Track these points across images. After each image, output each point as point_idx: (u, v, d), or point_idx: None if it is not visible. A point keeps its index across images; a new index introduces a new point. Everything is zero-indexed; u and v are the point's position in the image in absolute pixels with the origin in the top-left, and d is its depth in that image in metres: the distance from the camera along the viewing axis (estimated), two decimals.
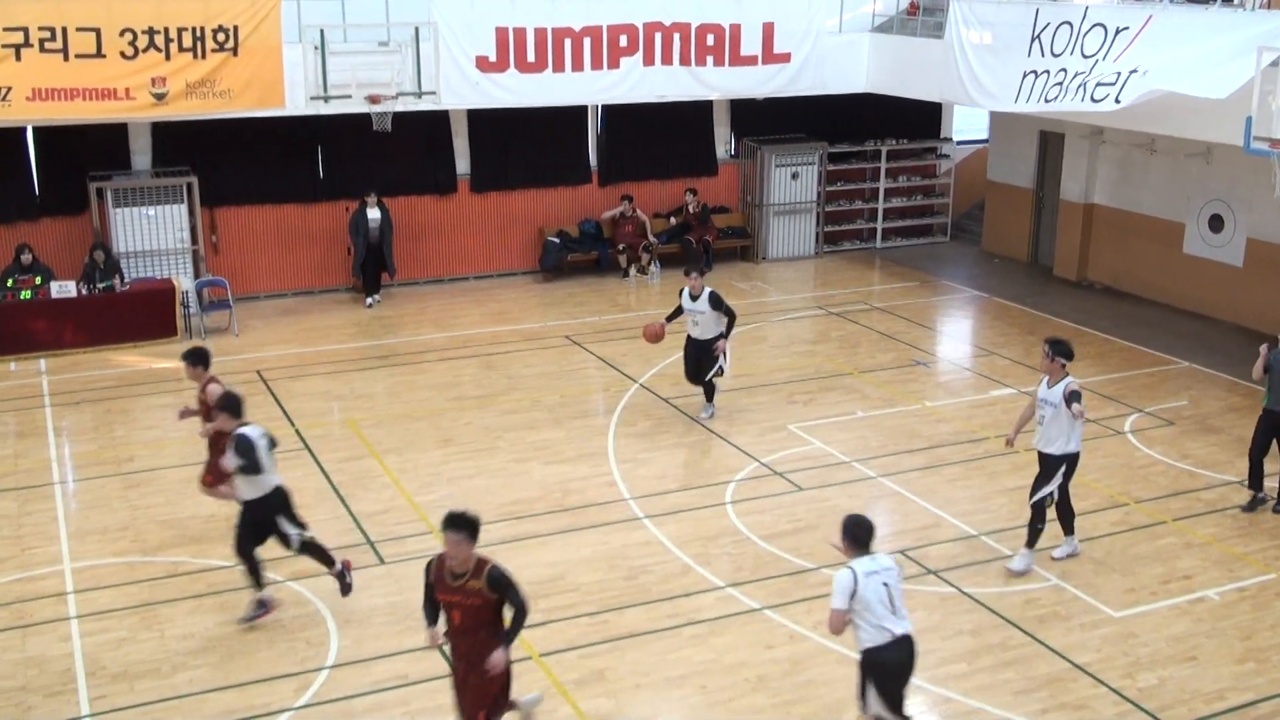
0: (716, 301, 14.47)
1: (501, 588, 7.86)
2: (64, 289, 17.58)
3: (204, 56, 17.60)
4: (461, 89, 19.07)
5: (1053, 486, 11.12)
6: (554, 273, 21.69)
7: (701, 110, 22.58)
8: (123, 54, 17.26)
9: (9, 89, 16.85)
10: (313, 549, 10.49)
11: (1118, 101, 15.79)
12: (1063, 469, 11.10)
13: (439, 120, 20.85)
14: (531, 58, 19.36)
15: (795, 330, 19.10)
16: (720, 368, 14.76)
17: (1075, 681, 9.66)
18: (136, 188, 18.97)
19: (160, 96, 17.55)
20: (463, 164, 21.52)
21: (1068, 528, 11.49)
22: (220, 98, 17.82)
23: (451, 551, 7.76)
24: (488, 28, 19.02)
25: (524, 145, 21.66)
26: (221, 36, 17.56)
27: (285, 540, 10.33)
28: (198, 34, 17.42)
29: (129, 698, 9.35)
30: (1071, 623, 10.51)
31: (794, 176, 23.04)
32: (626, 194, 22.00)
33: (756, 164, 22.99)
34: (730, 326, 14.65)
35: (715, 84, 20.76)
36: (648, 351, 17.23)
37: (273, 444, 10.40)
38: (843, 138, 23.71)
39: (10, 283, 17.54)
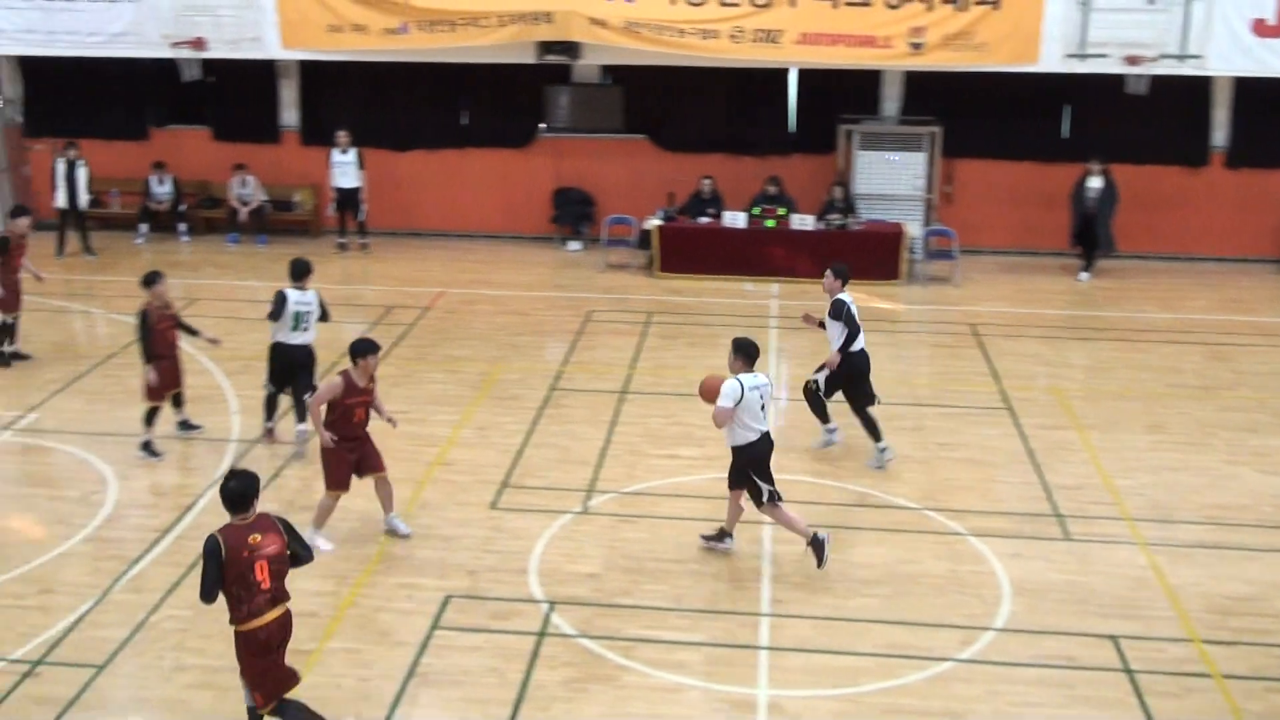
0: (837, 311, 12.39)
1: None
2: (803, 222, 18.72)
3: (966, 9, 17.78)
4: (1231, 54, 17.73)
5: None
6: None
7: None
8: (887, 3, 17.90)
9: (781, 31, 18.11)
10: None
11: None
12: None
13: (1197, 86, 19.47)
14: None
15: None
16: (816, 381, 12.55)
17: None
18: (882, 133, 19.67)
19: (917, 46, 18.00)
20: (1219, 135, 19.98)
21: None
22: (975, 51, 17.94)
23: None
24: None
25: None
26: None
27: None
28: None
29: (804, 608, 9.87)
30: None
31: None
32: None
33: None
34: (848, 343, 12.32)
35: None
36: None
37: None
38: None
39: (758, 210, 18.96)
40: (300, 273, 12.46)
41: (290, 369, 12.49)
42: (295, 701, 7.98)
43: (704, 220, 19.09)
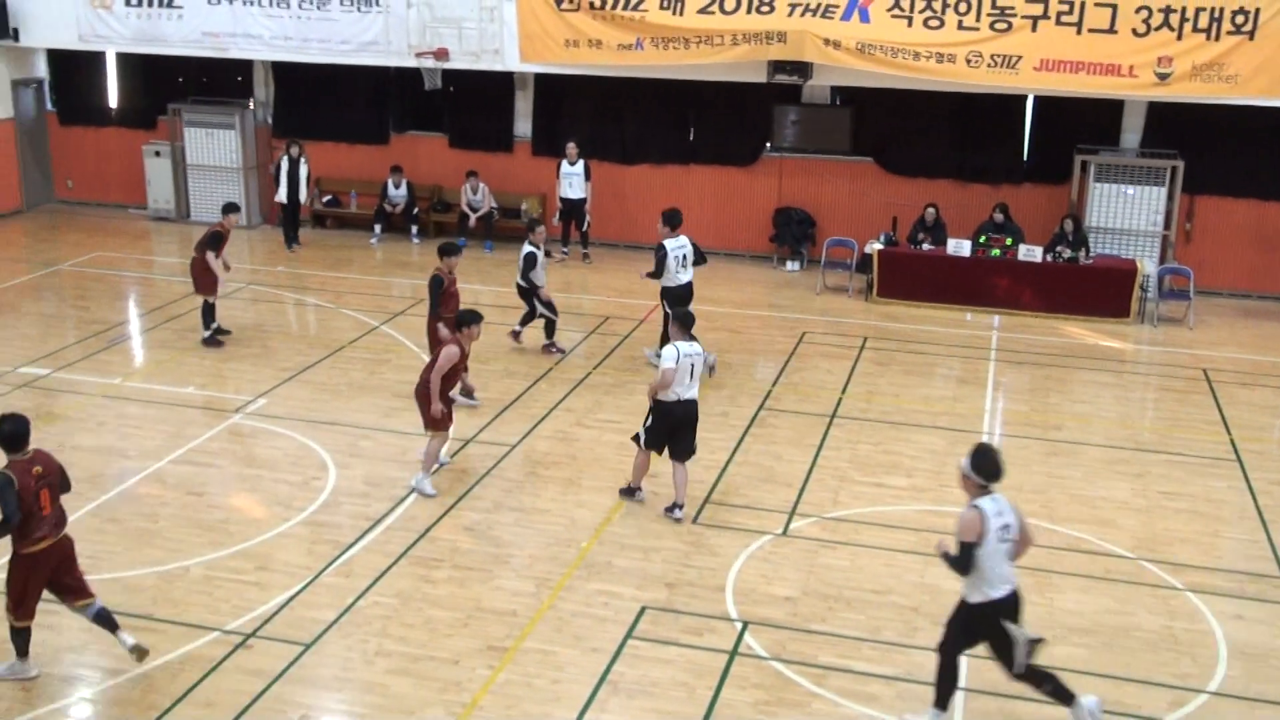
0: (656, 250, 14.89)
1: None
2: (1030, 253, 18.14)
3: (1217, 38, 17.02)
4: None
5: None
6: None
7: None
8: (1135, 31, 17.25)
9: (1020, 57, 17.66)
10: None
11: None
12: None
13: None
14: None
15: None
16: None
17: None
18: (1120, 165, 18.94)
19: (1163, 77, 17.31)
20: None
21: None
22: (1225, 82, 17.16)
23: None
24: None
25: None
26: (1240, 19, 16.85)
27: None
28: (1215, 14, 16.91)
29: None
30: None
31: None
32: None
33: None
34: (655, 275, 14.97)
35: None
36: None
37: None
38: None
39: (983, 239, 18.49)
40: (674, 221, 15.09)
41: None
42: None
43: (925, 247, 18.71)
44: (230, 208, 16.32)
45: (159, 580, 10.34)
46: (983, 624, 8.25)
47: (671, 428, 11.49)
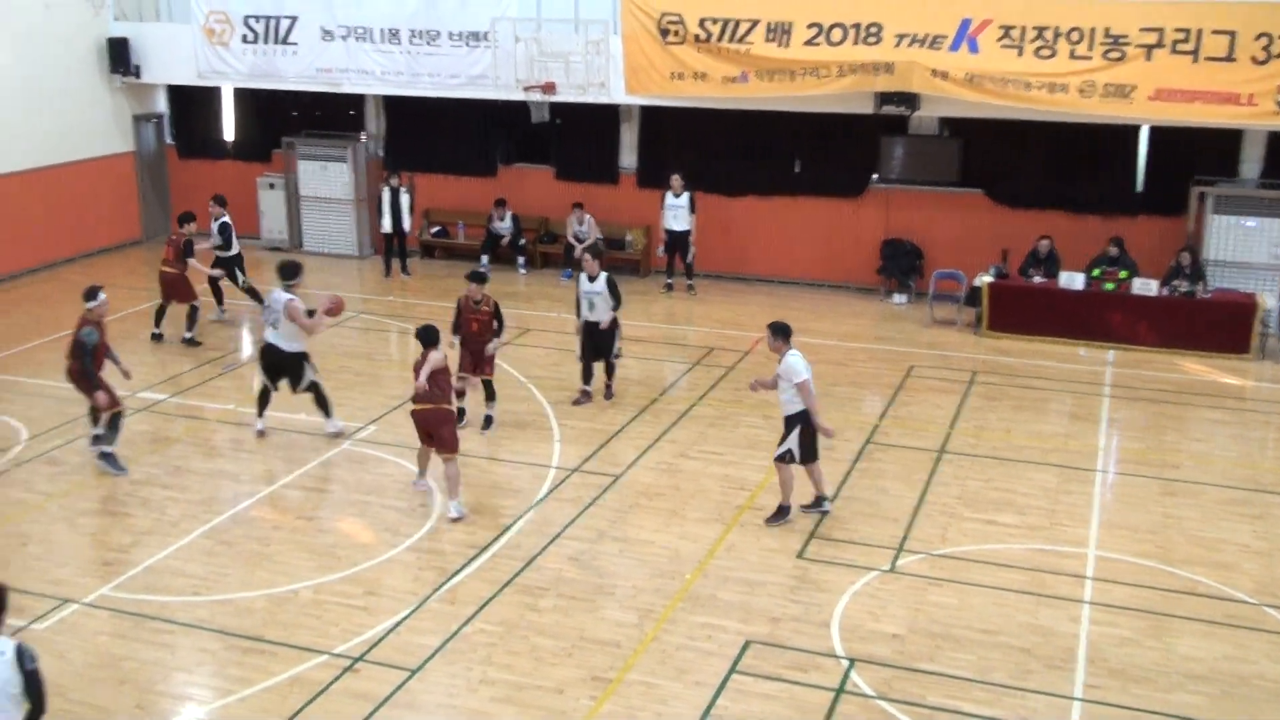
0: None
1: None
2: (1145, 286, 17.71)
3: None
4: None
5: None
6: None
7: None
8: (1254, 59, 16.84)
9: (1134, 87, 17.32)
10: None
11: None
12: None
13: None
14: None
15: None
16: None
17: None
18: (1240, 196, 18.46)
19: None
20: None
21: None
22: None
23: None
24: None
25: None
26: None
27: None
28: None
29: (1120, 697, 9.28)
30: None
31: None
32: None
33: None
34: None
35: None
36: None
37: None
38: None
39: (1097, 272, 18.11)
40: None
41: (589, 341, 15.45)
42: None
43: (1037, 280, 18.36)
44: (187, 217, 18.05)
45: (269, 603, 10.49)
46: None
47: (807, 428, 11.95)
